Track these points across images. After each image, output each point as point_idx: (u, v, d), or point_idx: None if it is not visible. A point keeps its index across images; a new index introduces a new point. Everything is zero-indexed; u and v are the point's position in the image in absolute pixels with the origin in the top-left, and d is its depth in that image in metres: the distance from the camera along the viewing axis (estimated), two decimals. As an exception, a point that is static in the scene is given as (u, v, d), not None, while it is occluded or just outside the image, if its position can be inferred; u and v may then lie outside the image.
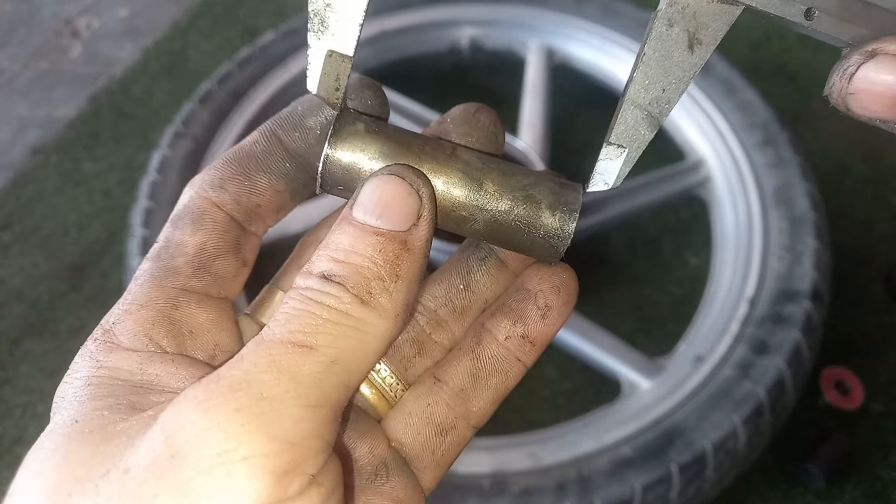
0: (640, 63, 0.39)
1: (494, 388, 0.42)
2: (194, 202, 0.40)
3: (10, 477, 1.37)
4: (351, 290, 0.34)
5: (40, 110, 2.15)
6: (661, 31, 0.38)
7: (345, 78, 0.39)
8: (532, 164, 1.55)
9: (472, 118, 0.45)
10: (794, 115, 1.95)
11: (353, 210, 0.36)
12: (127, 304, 0.38)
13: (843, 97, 0.36)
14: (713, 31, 0.38)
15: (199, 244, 0.39)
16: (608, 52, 1.83)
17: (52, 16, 2.43)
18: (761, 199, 1.52)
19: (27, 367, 1.63)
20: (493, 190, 0.39)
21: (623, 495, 1.17)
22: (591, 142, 1.96)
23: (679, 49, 0.38)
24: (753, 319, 1.35)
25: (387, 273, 0.35)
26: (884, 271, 1.72)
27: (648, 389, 1.33)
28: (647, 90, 0.39)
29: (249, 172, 0.40)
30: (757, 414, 1.24)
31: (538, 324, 0.41)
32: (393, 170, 0.37)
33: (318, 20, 0.38)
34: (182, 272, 0.39)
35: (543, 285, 0.42)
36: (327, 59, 0.39)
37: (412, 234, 0.36)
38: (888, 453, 1.48)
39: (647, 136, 0.40)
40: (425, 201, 0.37)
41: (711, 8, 0.37)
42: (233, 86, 1.72)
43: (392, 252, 0.35)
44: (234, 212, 0.40)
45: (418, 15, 1.90)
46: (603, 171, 0.41)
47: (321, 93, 0.39)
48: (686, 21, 0.38)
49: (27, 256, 1.80)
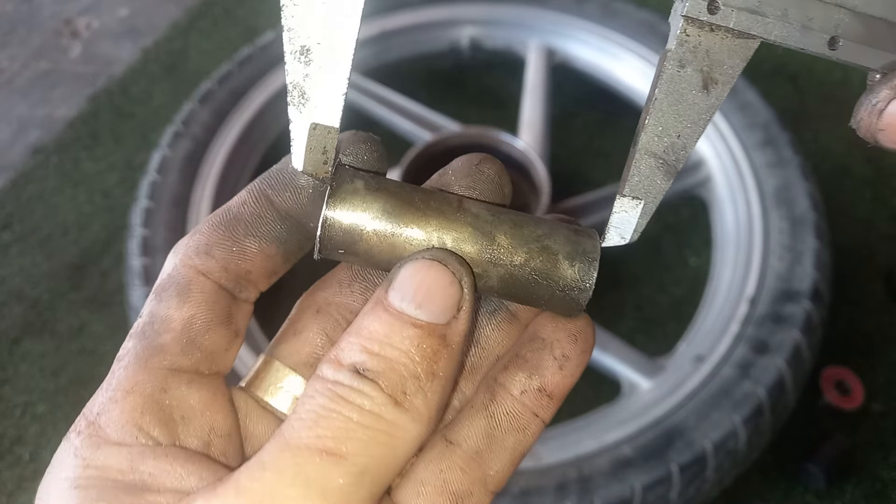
0: (652, 108, 0.36)
1: (512, 447, 0.38)
2: (179, 271, 0.37)
3: (10, 477, 1.37)
4: (385, 390, 0.31)
5: (40, 110, 2.15)
6: (672, 73, 0.35)
7: (332, 150, 0.36)
8: (532, 164, 1.55)
9: (476, 170, 0.41)
10: (794, 116, 1.95)
11: (390, 295, 0.33)
12: (112, 391, 0.35)
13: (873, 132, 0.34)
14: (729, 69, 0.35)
15: (187, 318, 0.36)
16: (608, 52, 1.83)
17: (52, 16, 2.43)
18: (761, 199, 1.52)
19: (27, 367, 1.63)
20: (506, 243, 0.37)
21: (623, 495, 1.17)
22: (591, 142, 1.96)
23: (693, 90, 0.35)
24: (753, 319, 1.35)
25: (423, 371, 0.32)
26: (884, 271, 1.72)
27: (648, 389, 1.33)
28: (661, 137, 0.36)
29: (238, 237, 0.38)
30: (757, 414, 1.24)
31: (556, 375, 0.38)
32: (435, 255, 0.34)
33: (297, 92, 0.35)
34: (169, 350, 0.36)
35: (559, 334, 0.39)
36: (311, 133, 0.36)
37: (452, 327, 0.33)
38: (888, 453, 1.48)
39: (663, 186, 0.37)
40: (467, 292, 0.34)
41: (726, 44, 0.35)
42: (233, 86, 1.72)
43: (430, 347, 0.33)
44: (222, 280, 0.37)
45: (418, 15, 1.90)
46: (618, 224, 0.38)
47: (308, 169, 0.36)
48: (699, 60, 0.35)
49: (27, 256, 1.80)
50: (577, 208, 1.58)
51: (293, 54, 0.35)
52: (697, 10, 0.34)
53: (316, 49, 0.35)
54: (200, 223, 0.39)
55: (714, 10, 0.34)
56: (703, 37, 0.35)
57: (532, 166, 1.55)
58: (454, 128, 1.68)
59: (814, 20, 0.34)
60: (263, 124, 1.72)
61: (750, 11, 0.34)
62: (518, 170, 1.60)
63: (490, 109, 2.04)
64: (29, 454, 1.52)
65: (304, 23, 0.34)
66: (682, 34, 0.35)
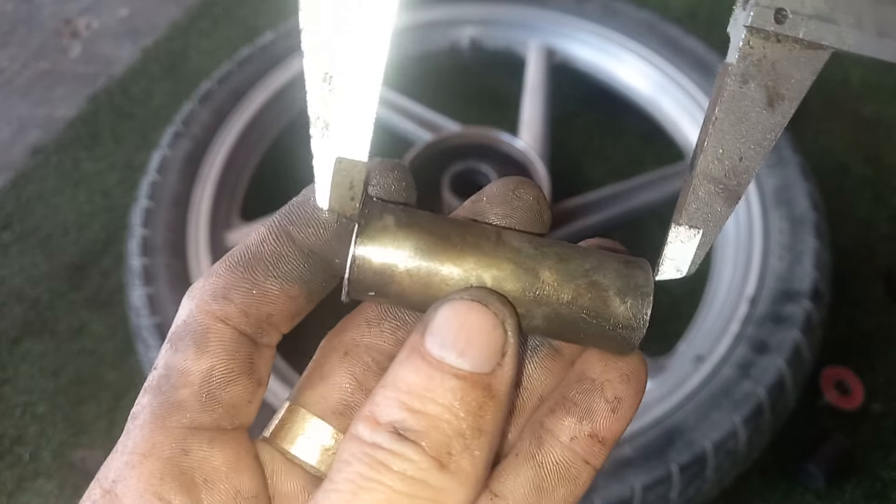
0: (712, 129, 0.33)
1: (563, 499, 0.34)
2: (196, 318, 0.34)
3: (10, 477, 1.37)
4: (429, 452, 0.28)
5: (40, 110, 2.15)
6: (734, 90, 0.32)
7: (360, 184, 0.33)
8: (532, 164, 1.55)
9: (513, 196, 0.38)
10: (794, 115, 1.95)
11: (427, 341, 0.30)
12: (128, 454, 0.32)
13: None
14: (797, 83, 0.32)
15: (206, 370, 0.33)
16: (608, 52, 1.83)
17: (52, 16, 2.43)
18: (761, 198, 1.52)
19: (27, 367, 1.63)
20: (551, 280, 0.33)
21: (623, 495, 1.17)
22: (591, 142, 1.96)
23: (757, 108, 0.32)
24: (753, 319, 1.35)
25: (469, 427, 0.29)
26: (884, 271, 1.72)
27: (648, 389, 1.32)
28: (722, 160, 0.33)
29: (258, 278, 0.35)
30: (757, 414, 1.24)
31: (608, 419, 0.35)
32: (475, 295, 0.31)
33: (320, 123, 0.32)
34: (188, 407, 0.33)
35: (611, 374, 0.35)
36: (337, 167, 0.32)
37: (497, 376, 0.30)
38: (888, 453, 1.48)
39: (724, 214, 0.34)
40: (511, 335, 0.31)
41: (794, 55, 0.32)
42: (233, 86, 1.72)
43: (475, 400, 0.29)
44: (242, 325, 0.35)
45: (418, 15, 1.90)
46: (674, 255, 0.35)
47: (334, 206, 0.33)
48: (763, 75, 0.32)
49: (27, 256, 1.80)
50: (577, 208, 1.58)
51: (315, 82, 0.31)
52: (763, 20, 0.31)
53: (340, 76, 0.31)
54: (216, 264, 0.36)
55: (782, 20, 0.31)
56: (768, 49, 0.32)
57: (532, 166, 1.55)
58: (454, 128, 1.68)
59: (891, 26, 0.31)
60: (263, 124, 1.72)
61: (822, 19, 0.31)
62: (518, 170, 1.60)
63: (490, 109, 2.04)
64: (29, 454, 1.52)
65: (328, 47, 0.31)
66: (745, 46, 0.32)
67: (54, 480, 1.48)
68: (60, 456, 1.51)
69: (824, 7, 0.31)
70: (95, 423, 1.55)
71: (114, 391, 1.58)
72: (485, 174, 1.55)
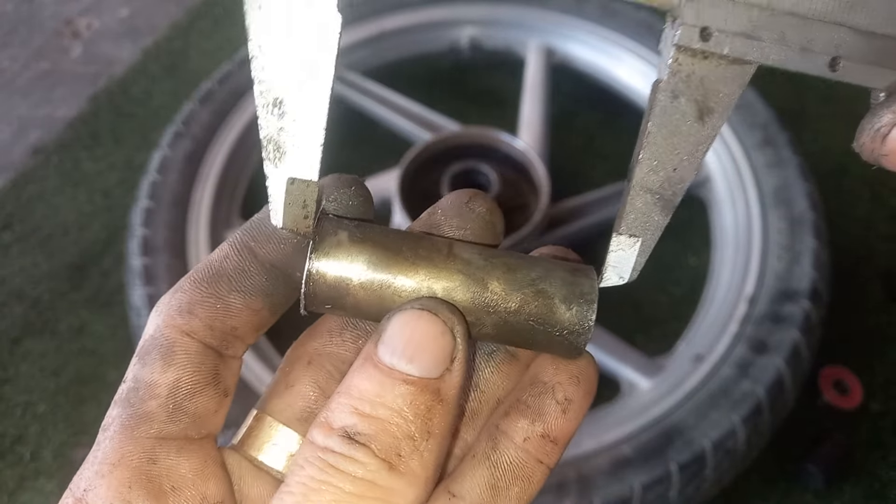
0: (646, 142, 0.34)
1: (517, 497, 0.36)
2: (162, 332, 0.35)
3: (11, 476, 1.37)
4: (378, 454, 0.30)
5: (40, 110, 2.15)
6: (665, 105, 0.33)
7: (313, 203, 0.35)
8: (531, 164, 1.55)
9: (466, 208, 0.39)
10: (794, 116, 1.95)
11: (380, 350, 0.32)
12: (98, 464, 0.34)
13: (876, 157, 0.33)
14: (725, 97, 0.33)
15: (172, 382, 0.35)
16: (608, 52, 1.83)
17: (53, 16, 2.43)
18: (760, 199, 1.52)
19: (27, 367, 1.63)
20: (499, 289, 0.35)
21: (622, 494, 1.17)
22: (591, 142, 1.96)
23: (688, 122, 0.34)
24: (752, 319, 1.35)
25: (418, 430, 0.31)
26: (882, 271, 1.72)
27: (648, 389, 1.33)
28: (657, 171, 0.35)
29: (221, 293, 0.36)
30: (756, 413, 1.25)
31: (559, 420, 0.36)
32: (425, 304, 0.33)
33: (272, 147, 0.33)
34: (156, 417, 0.34)
35: (560, 377, 0.37)
36: (289, 188, 0.34)
37: (445, 380, 0.32)
38: (887, 453, 1.48)
39: (661, 222, 0.36)
40: (460, 341, 0.32)
41: (721, 71, 0.33)
42: (233, 86, 1.72)
43: (424, 404, 0.31)
44: (207, 338, 0.36)
45: (418, 15, 1.90)
46: (616, 263, 0.37)
47: (288, 225, 0.35)
48: (693, 90, 0.33)
49: (27, 256, 1.80)
50: (577, 208, 1.58)
51: (266, 107, 0.33)
52: (690, 38, 0.32)
53: (289, 101, 0.33)
54: (182, 279, 0.37)
55: (707, 38, 0.32)
56: (696, 65, 0.33)
57: (532, 166, 1.55)
58: (454, 128, 1.68)
59: (813, 41, 0.33)
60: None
61: (745, 36, 0.32)
62: (518, 170, 1.60)
63: (490, 109, 2.04)
64: (30, 453, 1.52)
65: (276, 74, 0.32)
66: (674, 63, 0.33)
67: (55, 480, 1.48)
68: (61, 455, 1.51)
69: (748, 25, 0.32)
70: (96, 423, 1.53)
71: (114, 391, 1.57)
72: (485, 174, 1.55)
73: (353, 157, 1.95)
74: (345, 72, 1.82)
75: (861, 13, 0.32)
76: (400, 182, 1.51)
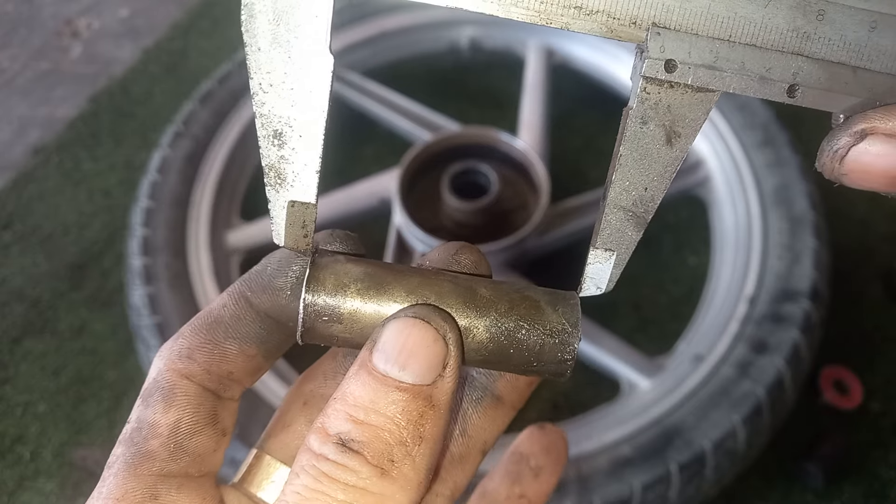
0: (618, 165, 0.37)
1: None
2: (164, 376, 0.37)
3: (11, 476, 1.36)
4: (370, 461, 0.31)
5: (41, 110, 2.15)
6: (635, 130, 0.36)
7: (311, 223, 0.37)
8: (531, 164, 1.55)
9: (453, 260, 0.41)
10: (794, 115, 1.95)
11: (374, 357, 0.33)
12: (102, 499, 0.35)
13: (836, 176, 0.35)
14: (691, 122, 0.36)
15: (173, 423, 0.37)
16: (608, 52, 1.83)
17: (53, 16, 2.43)
18: (761, 198, 1.52)
19: (28, 367, 1.63)
20: (488, 294, 0.37)
21: (622, 494, 1.17)
22: (591, 142, 1.96)
23: (657, 145, 0.36)
24: (753, 319, 1.35)
25: (410, 435, 0.32)
26: (882, 271, 1.72)
27: (648, 389, 1.33)
28: (629, 191, 0.37)
29: (218, 340, 0.38)
30: (756, 413, 1.25)
31: (533, 484, 0.43)
32: (418, 312, 0.34)
33: (273, 174, 0.36)
34: (158, 456, 0.36)
35: (534, 448, 0.44)
36: (290, 210, 0.37)
37: (438, 387, 0.33)
38: (886, 452, 1.48)
39: (634, 237, 0.38)
40: (452, 347, 0.34)
41: (686, 98, 0.35)
42: (233, 86, 1.72)
43: (416, 410, 0.32)
44: (205, 382, 0.38)
45: (418, 15, 1.90)
46: (594, 275, 0.39)
47: (289, 244, 0.37)
48: (660, 116, 0.35)
49: (28, 256, 1.81)
50: (577, 208, 1.58)
51: (267, 139, 0.36)
52: (655, 70, 0.34)
53: (288, 132, 0.36)
54: (184, 326, 0.39)
55: (672, 69, 0.35)
56: (662, 94, 0.35)
57: (532, 166, 1.55)
58: (454, 128, 1.68)
59: (772, 70, 0.35)
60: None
61: (707, 67, 0.35)
62: (518, 170, 1.60)
63: (490, 109, 2.04)
64: (30, 453, 1.52)
65: (276, 108, 0.35)
66: (642, 92, 0.35)
67: (55, 479, 1.48)
68: (61, 455, 1.51)
69: (709, 56, 0.34)
70: (96, 423, 1.55)
71: (114, 390, 1.59)
72: (485, 174, 1.55)
73: (353, 157, 1.95)
74: (345, 72, 1.82)
75: (816, 43, 0.34)
76: (400, 182, 1.51)
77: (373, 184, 1.62)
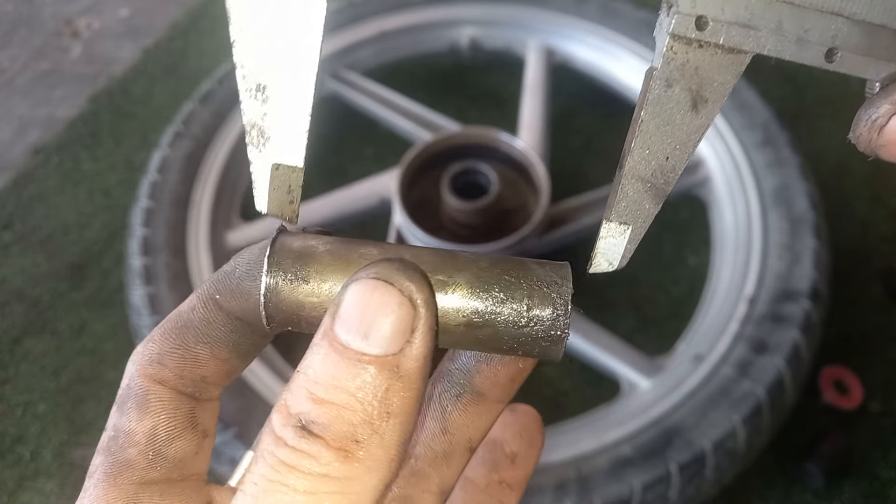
0: (638, 131, 0.34)
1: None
2: (136, 382, 0.36)
3: (11, 476, 1.36)
4: (332, 444, 0.28)
5: (41, 110, 2.15)
6: (659, 94, 0.33)
7: (298, 188, 0.34)
8: (531, 164, 1.55)
9: None
10: (794, 115, 1.95)
11: (336, 327, 0.29)
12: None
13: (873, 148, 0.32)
14: (720, 86, 0.33)
15: (149, 430, 0.35)
16: (608, 52, 1.83)
17: (53, 16, 2.43)
18: (761, 198, 1.52)
19: (28, 367, 1.63)
20: (468, 255, 0.34)
21: (622, 494, 1.17)
22: (591, 142, 1.96)
23: (681, 111, 0.33)
24: (753, 319, 1.35)
25: (376, 412, 0.29)
26: (882, 271, 1.72)
27: (648, 389, 1.33)
28: (649, 160, 0.34)
29: (189, 345, 0.36)
30: (756, 413, 1.25)
31: (510, 469, 0.43)
32: (380, 272, 0.30)
33: (256, 132, 0.33)
34: (137, 465, 0.35)
35: (506, 433, 0.44)
36: (274, 174, 0.33)
37: (405, 353, 0.29)
38: (887, 452, 1.48)
39: (652, 211, 0.35)
40: (421, 309, 0.30)
41: (716, 60, 0.32)
42: (233, 86, 1.72)
43: (382, 383, 0.29)
44: (179, 386, 0.36)
45: (418, 15, 1.90)
46: (605, 250, 0.36)
47: (273, 210, 0.34)
48: (687, 79, 0.33)
49: (28, 256, 1.81)
50: (577, 208, 1.58)
51: (249, 92, 0.32)
52: (685, 27, 0.32)
53: (273, 86, 0.32)
54: (154, 330, 0.37)
55: (703, 27, 0.32)
56: (690, 54, 0.32)
57: (532, 166, 1.55)
58: (454, 128, 1.68)
59: (810, 31, 0.32)
60: (263, 124, 1.72)
61: (741, 25, 0.32)
62: (518, 170, 1.60)
63: (490, 109, 2.04)
64: (30, 453, 1.52)
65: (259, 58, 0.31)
66: (668, 52, 0.32)
67: (55, 479, 1.48)
68: (61, 455, 1.51)
69: (744, 14, 0.32)
70: (96, 422, 1.55)
71: (114, 390, 1.56)
72: (485, 174, 1.55)
73: (353, 157, 1.95)
74: (345, 72, 1.82)
75: (858, 3, 0.32)
76: (400, 182, 1.51)
77: (373, 184, 1.62)
